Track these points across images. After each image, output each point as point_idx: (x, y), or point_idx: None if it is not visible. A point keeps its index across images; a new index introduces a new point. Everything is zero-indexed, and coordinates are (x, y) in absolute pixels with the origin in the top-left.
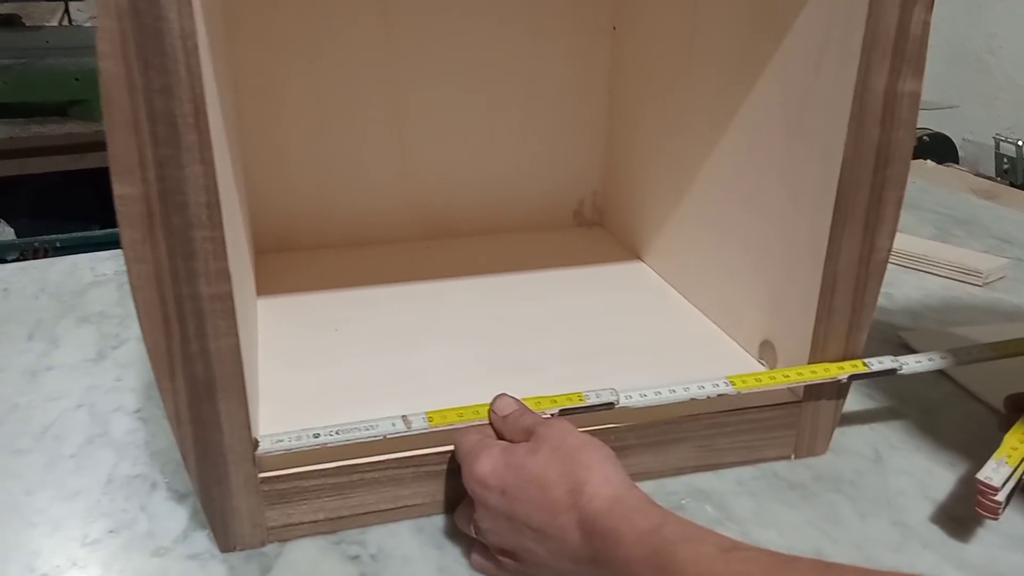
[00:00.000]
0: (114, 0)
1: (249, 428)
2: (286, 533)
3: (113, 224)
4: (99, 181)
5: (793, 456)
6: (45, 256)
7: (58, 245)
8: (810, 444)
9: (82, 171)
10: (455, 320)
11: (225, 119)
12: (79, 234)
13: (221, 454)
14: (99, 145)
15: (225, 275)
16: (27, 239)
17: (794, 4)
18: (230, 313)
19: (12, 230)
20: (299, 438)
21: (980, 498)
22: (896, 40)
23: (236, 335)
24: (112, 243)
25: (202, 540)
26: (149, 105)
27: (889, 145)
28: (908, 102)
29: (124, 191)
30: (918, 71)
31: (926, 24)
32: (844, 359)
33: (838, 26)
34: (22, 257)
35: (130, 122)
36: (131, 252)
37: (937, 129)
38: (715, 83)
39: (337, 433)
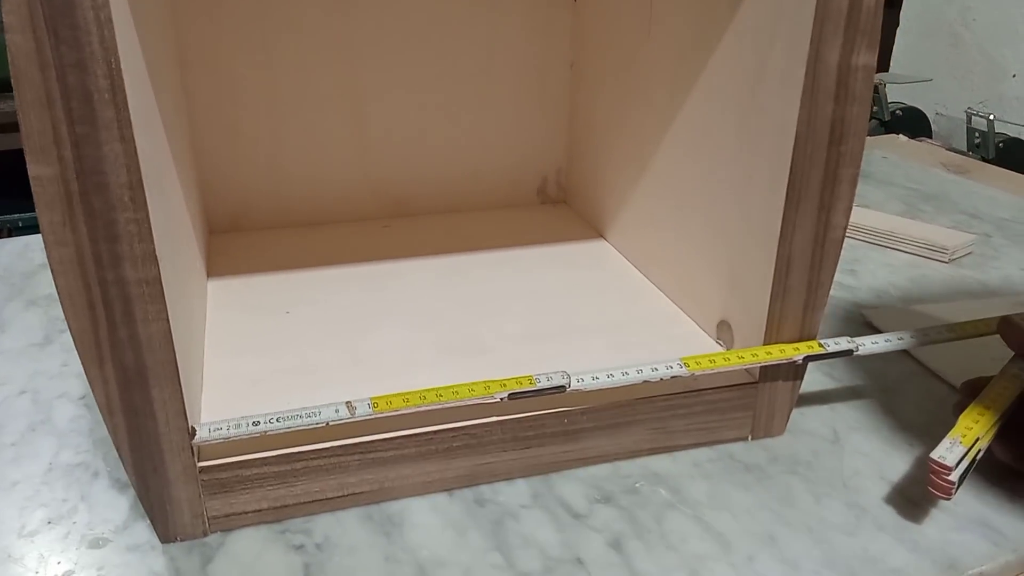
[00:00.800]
0: None
1: (185, 416)
2: (228, 523)
3: None
4: None
5: (750, 438)
6: (8, 236)
7: (20, 224)
8: (767, 425)
9: None
10: (412, 302)
11: (161, 95)
12: None
13: (156, 443)
14: None
15: (152, 258)
16: None
17: None
18: (159, 297)
19: None
20: (238, 426)
21: (933, 477)
22: (849, 12)
23: (167, 320)
24: None
25: (143, 530)
26: (62, 81)
27: (843, 120)
28: (862, 76)
29: (39, 171)
30: (872, 44)
31: None
32: (800, 339)
33: None
34: None
35: (43, 99)
36: (51, 235)
37: (910, 103)
38: (673, 56)
39: (278, 420)
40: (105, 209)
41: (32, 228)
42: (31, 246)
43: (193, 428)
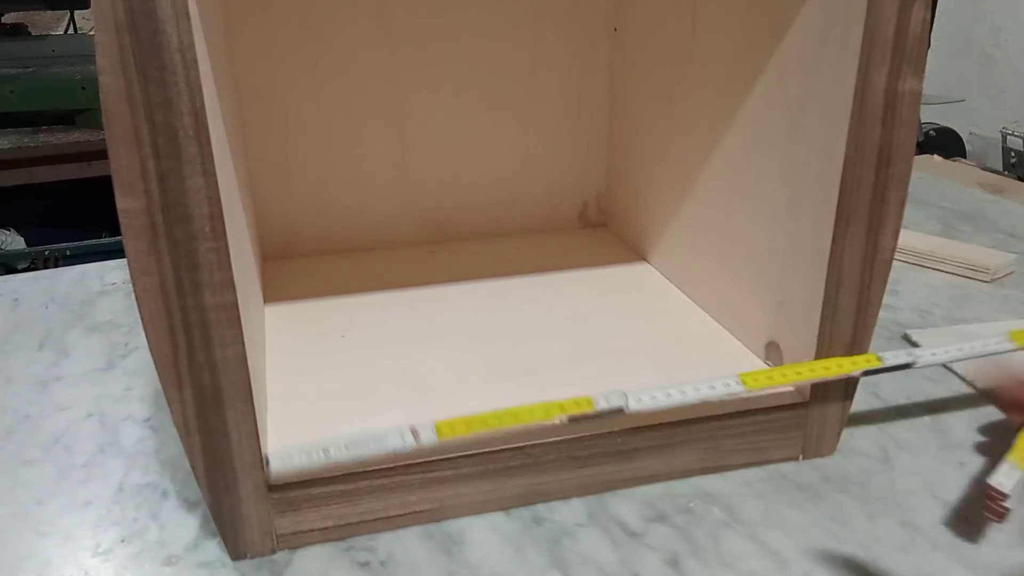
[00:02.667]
0: (112, 15)
1: (257, 436)
2: (296, 540)
3: (119, 231)
4: (106, 189)
5: (801, 457)
6: (55, 264)
7: (68, 253)
8: (817, 445)
9: (88, 179)
10: (460, 324)
11: (227, 129)
12: (89, 242)
13: (230, 462)
14: (105, 153)
15: (230, 285)
16: (37, 248)
17: (792, 3)
18: (235, 322)
19: (22, 239)
20: (309, 455)
21: (989, 503)
22: (895, 39)
23: (242, 344)
24: (120, 250)
25: (213, 549)
26: (150, 119)
27: (891, 144)
28: (909, 100)
29: (127, 204)
30: (919, 69)
31: (925, 22)
32: (854, 353)
33: (837, 25)
34: (32, 266)
35: (131, 135)
36: (136, 264)
37: (943, 123)
38: (716, 83)
39: (347, 448)
40: (187, 239)
41: (80, 257)
42: (88, 274)
43: (267, 457)
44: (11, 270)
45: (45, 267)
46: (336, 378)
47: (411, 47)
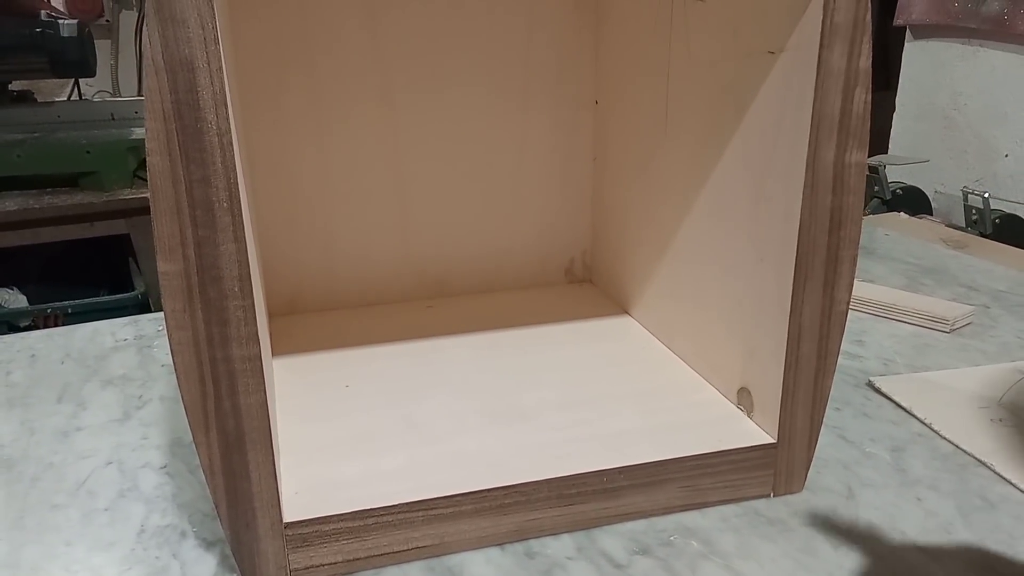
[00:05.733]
0: (161, 105)
1: (275, 477)
2: (307, 575)
3: (119, 290)
4: (106, 249)
5: (772, 494)
6: (56, 322)
7: (69, 311)
8: (787, 483)
9: (89, 239)
10: (457, 374)
11: (249, 197)
12: (89, 300)
13: (249, 502)
14: (108, 215)
15: (255, 338)
16: (39, 306)
17: (751, 86)
18: (259, 372)
19: (25, 297)
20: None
21: None
22: (840, 118)
23: (264, 392)
24: (121, 308)
25: None
26: (190, 194)
27: (841, 209)
28: (855, 171)
29: (167, 268)
30: (862, 144)
31: (867, 103)
32: (814, 402)
33: (791, 105)
34: (33, 324)
35: (173, 208)
36: (172, 321)
37: (910, 183)
38: (687, 154)
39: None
40: (219, 298)
41: (81, 315)
42: (100, 331)
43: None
44: (13, 328)
45: (46, 325)
46: (342, 425)
47: (410, 119)
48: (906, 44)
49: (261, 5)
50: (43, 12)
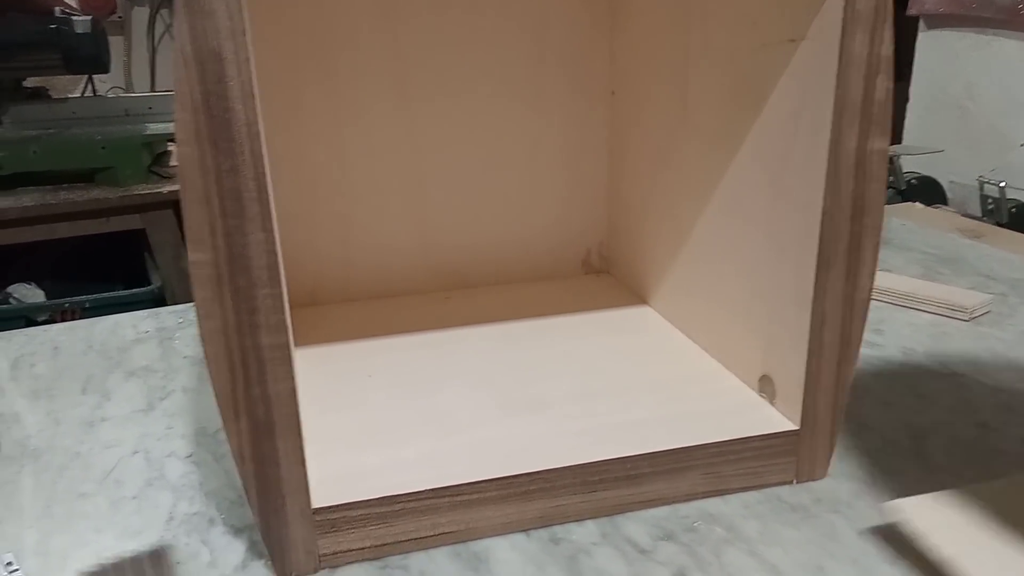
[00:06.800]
0: (190, 96)
1: (304, 464)
2: (336, 560)
3: (134, 285)
4: (122, 244)
5: (795, 481)
6: (73, 317)
7: (87, 306)
8: (810, 470)
9: (104, 234)
10: (475, 364)
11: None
12: (106, 294)
13: (279, 488)
14: (123, 210)
15: (283, 327)
16: (57, 300)
17: (771, 75)
18: (287, 360)
19: (42, 292)
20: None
21: None
22: (863, 105)
23: (292, 380)
24: (137, 302)
25: (260, 569)
26: (219, 183)
27: (863, 197)
28: (877, 158)
29: (197, 257)
30: (884, 131)
31: (888, 90)
32: (837, 389)
33: (811, 94)
34: (51, 318)
35: (202, 198)
36: (202, 310)
37: (924, 173)
38: (707, 144)
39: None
40: (247, 287)
41: (97, 309)
42: (121, 324)
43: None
44: (31, 322)
45: (63, 319)
46: (365, 414)
47: (427, 111)
48: (919, 34)
49: (282, 3)
50: (57, 9)
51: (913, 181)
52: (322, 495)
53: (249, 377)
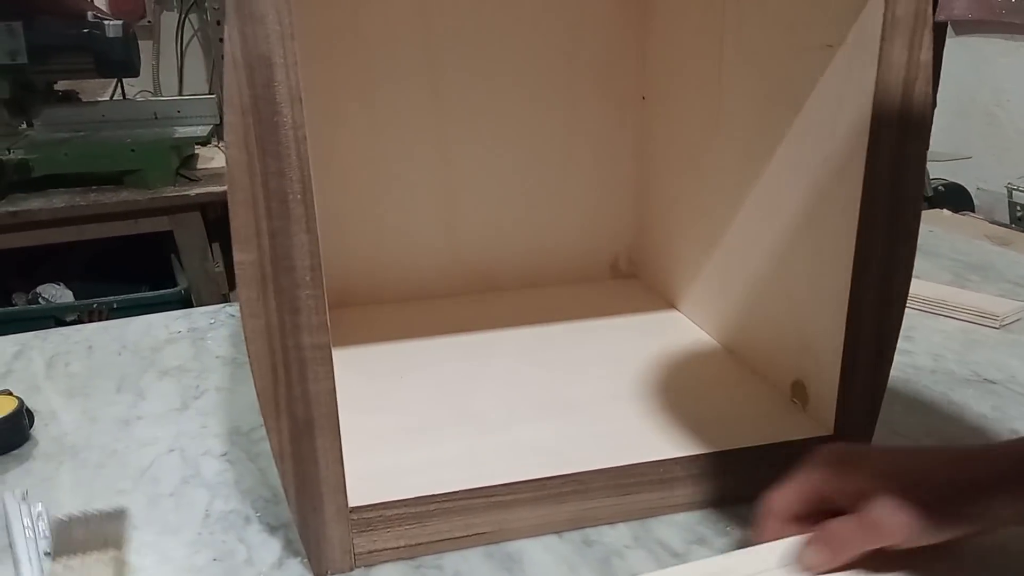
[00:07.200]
0: (239, 100)
1: (342, 462)
2: (371, 559)
3: (159, 286)
4: (145, 245)
5: None
6: (100, 317)
7: (115, 306)
8: None
9: (131, 236)
10: (507, 366)
11: None
12: (134, 295)
13: (317, 486)
14: (152, 212)
15: (324, 327)
16: (85, 301)
17: (808, 80)
18: (328, 360)
19: (71, 293)
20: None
21: None
22: (901, 111)
23: (332, 379)
24: (164, 303)
25: (296, 566)
26: (265, 186)
27: (901, 202)
28: (915, 163)
29: (243, 257)
30: (923, 136)
31: (927, 96)
32: (872, 395)
33: (849, 99)
34: (79, 319)
35: (249, 200)
36: (247, 309)
37: (952, 179)
38: (740, 149)
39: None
40: (291, 287)
41: (125, 310)
42: (153, 324)
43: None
44: (60, 322)
45: (91, 320)
46: (398, 415)
47: (457, 115)
48: (947, 40)
49: (316, 8)
50: (89, 13)
51: (940, 188)
52: (359, 494)
53: (291, 376)
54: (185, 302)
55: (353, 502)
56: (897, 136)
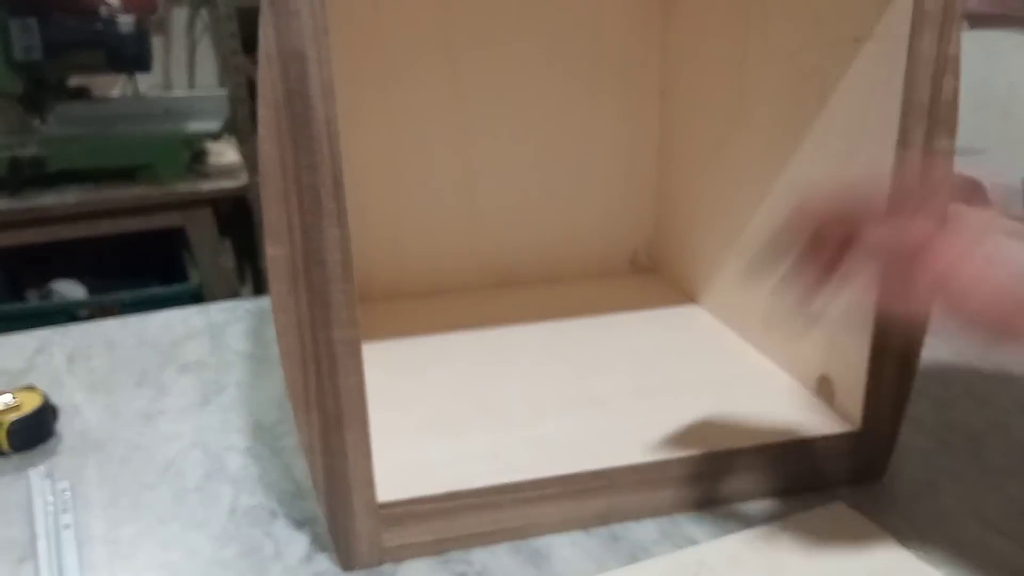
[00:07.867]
0: (272, 95)
1: (370, 457)
2: (399, 553)
3: (170, 282)
4: (156, 241)
5: (854, 482)
6: (112, 312)
7: (127, 302)
8: (869, 470)
9: (142, 232)
10: (528, 361)
11: None
12: (146, 291)
13: (345, 481)
14: (164, 207)
15: (354, 322)
16: (98, 297)
17: (835, 75)
18: (357, 355)
19: (83, 288)
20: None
21: None
22: (930, 105)
23: (362, 374)
24: (176, 299)
25: (324, 561)
26: (297, 180)
27: (929, 196)
28: (943, 158)
29: (275, 252)
30: (950, 131)
31: (955, 90)
32: (899, 390)
33: (878, 93)
34: (91, 315)
35: (281, 194)
36: (278, 303)
37: (966, 173)
38: (764, 143)
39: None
40: (322, 281)
41: (137, 306)
42: (172, 319)
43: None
44: (73, 317)
45: (103, 316)
46: (423, 409)
47: (477, 110)
48: (961, 34)
49: (338, 3)
50: (102, 8)
51: None
52: (387, 489)
53: (320, 371)
54: (197, 298)
55: (382, 497)
56: (926, 131)
